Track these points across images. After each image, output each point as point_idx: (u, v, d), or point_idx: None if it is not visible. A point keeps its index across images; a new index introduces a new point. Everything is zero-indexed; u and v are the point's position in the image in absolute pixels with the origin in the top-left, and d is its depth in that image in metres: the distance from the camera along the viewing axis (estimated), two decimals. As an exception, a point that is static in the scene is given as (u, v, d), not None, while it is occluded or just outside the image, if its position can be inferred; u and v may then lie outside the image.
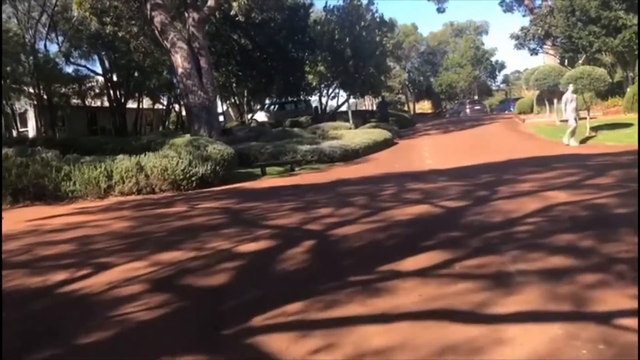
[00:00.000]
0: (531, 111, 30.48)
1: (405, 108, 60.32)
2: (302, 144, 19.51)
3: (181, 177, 13.59)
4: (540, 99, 28.59)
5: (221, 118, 45.56)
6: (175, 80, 29.36)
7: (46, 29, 34.62)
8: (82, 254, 6.82)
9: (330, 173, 15.79)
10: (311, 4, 33.09)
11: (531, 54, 33.60)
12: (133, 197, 13.20)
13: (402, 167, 15.63)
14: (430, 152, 19.37)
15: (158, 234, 7.89)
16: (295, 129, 25.35)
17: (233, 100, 38.36)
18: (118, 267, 5.92)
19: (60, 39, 36.57)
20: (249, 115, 35.16)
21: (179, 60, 21.30)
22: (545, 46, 33.02)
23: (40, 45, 35.11)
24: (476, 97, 56.38)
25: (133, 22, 24.68)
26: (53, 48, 37.45)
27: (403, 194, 10.11)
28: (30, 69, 32.98)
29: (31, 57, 32.54)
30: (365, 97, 46.13)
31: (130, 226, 8.72)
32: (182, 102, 28.26)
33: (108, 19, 24.65)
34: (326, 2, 32.58)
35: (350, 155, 19.21)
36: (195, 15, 22.12)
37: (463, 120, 38.07)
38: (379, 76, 34.31)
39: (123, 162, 13.50)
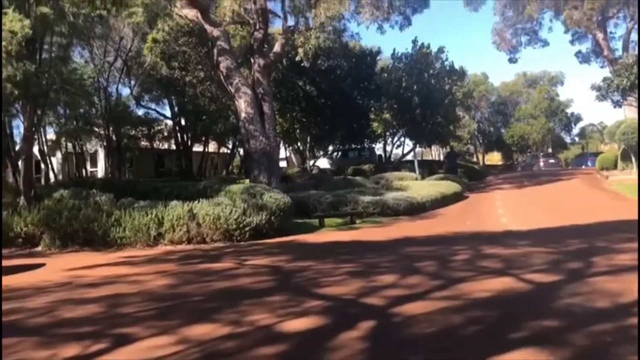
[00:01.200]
0: (615, 167, 28.13)
1: (474, 159, 58.30)
2: (364, 194, 18.45)
3: (234, 226, 12.79)
4: (626, 154, 26.33)
5: (284, 164, 45.52)
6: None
7: (120, 72, 35.78)
8: (106, 319, 5.95)
9: (394, 229, 14.55)
10: (379, 52, 32.72)
11: (614, 106, 31.40)
12: (183, 246, 12.49)
13: (474, 225, 14.21)
14: (505, 208, 17.77)
15: (196, 297, 6.94)
16: (358, 178, 24.35)
17: (296, 146, 38.04)
18: (138, 343, 4.97)
19: (133, 82, 37.68)
20: (311, 162, 34.56)
21: (243, 105, 20.99)
22: (629, 98, 30.79)
23: (113, 88, 36.28)
24: (550, 150, 53.73)
25: (200, 67, 24.86)
26: (125, 91, 38.63)
27: (479, 261, 8.76)
28: (102, 111, 34.02)
29: (103, 100, 33.58)
30: (432, 146, 44.79)
31: (168, 285, 7.84)
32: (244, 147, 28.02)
33: (176, 64, 24.93)
34: (394, 50, 32.10)
35: (416, 209, 17.93)
36: (261, 61, 21.89)
37: (537, 175, 35.88)
38: (447, 125, 33.04)
39: (175, 209, 12.88)
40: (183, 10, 22.72)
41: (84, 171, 40.00)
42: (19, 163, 30.68)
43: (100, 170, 39.73)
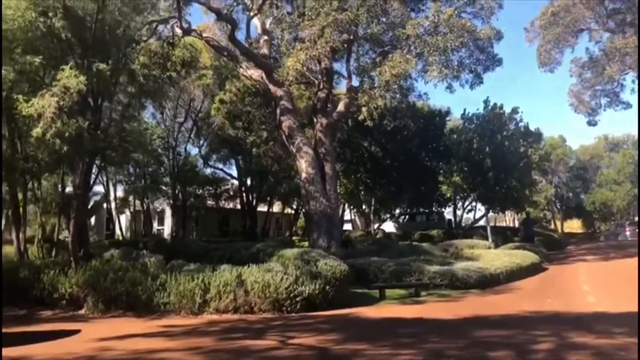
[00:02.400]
0: None
1: (552, 226, 54.81)
2: (430, 263, 16.89)
3: (284, 296, 11.65)
4: None
5: (348, 226, 44.35)
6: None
7: (189, 133, 36.51)
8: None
9: (463, 304, 12.91)
10: (448, 112, 31.57)
11: None
12: (228, 316, 11.47)
13: (555, 303, 12.35)
14: (591, 284, 15.66)
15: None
16: (425, 244, 22.74)
17: (361, 209, 36.90)
18: None
19: (201, 142, 38.35)
20: (376, 225, 33.21)
21: (303, 165, 20.31)
22: None
23: (182, 148, 37.00)
24: (637, 219, 49.62)
25: (263, 127, 24.64)
26: (194, 151, 39.33)
27: (566, 352, 7.16)
28: (170, 170, 34.57)
29: (172, 159, 34.18)
30: (506, 212, 42.37)
31: (196, 368, 6.79)
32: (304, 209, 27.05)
33: (240, 124, 24.86)
34: (464, 110, 31.08)
35: (488, 282, 16.14)
36: (324, 121, 21.33)
37: (624, 245, 32.70)
38: (522, 190, 30.94)
39: (223, 274, 11.96)
40: (248, 71, 22.79)
41: (151, 229, 40.64)
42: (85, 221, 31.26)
43: (167, 228, 40.13)
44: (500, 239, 27.85)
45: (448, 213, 38.76)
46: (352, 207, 38.16)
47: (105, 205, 36.20)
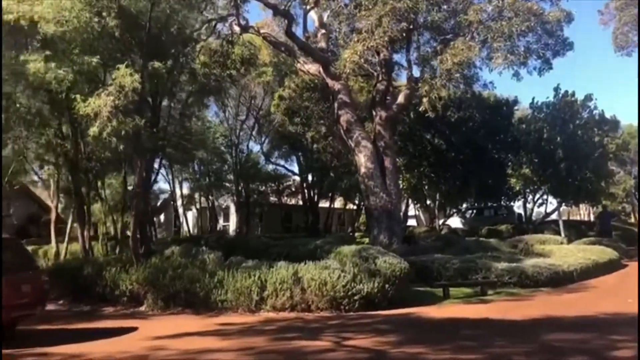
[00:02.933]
0: None
1: (632, 220, 51.43)
2: (498, 260, 16.02)
3: (342, 294, 11.30)
4: None
5: (413, 222, 43.37)
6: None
7: (250, 130, 36.82)
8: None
9: (533, 304, 12.09)
10: (515, 101, 29.96)
11: None
12: (285, 314, 11.25)
13: (636, 303, 11.30)
14: (678, 283, 14.34)
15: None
16: (492, 240, 21.68)
17: (425, 204, 35.92)
18: None
19: (263, 139, 38.62)
20: (441, 221, 32.16)
21: (362, 159, 19.84)
22: None
23: (244, 145, 37.39)
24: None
25: (322, 122, 24.31)
26: (256, 148, 39.68)
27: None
28: (233, 167, 35.00)
29: (234, 157, 34.58)
30: (580, 205, 40.16)
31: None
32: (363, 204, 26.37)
33: (298, 119, 24.65)
34: (533, 99, 29.18)
35: (560, 280, 15.12)
36: (383, 114, 20.76)
37: None
38: (597, 182, 29.08)
39: (279, 272, 11.73)
40: (306, 66, 22.53)
41: (217, 225, 41.40)
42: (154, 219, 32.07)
43: (232, 225, 40.74)
44: (574, 234, 26.27)
45: (517, 207, 37.13)
46: (416, 202, 37.17)
47: (172, 203, 37.09)
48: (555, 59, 19.44)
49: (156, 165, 17.39)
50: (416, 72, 22.29)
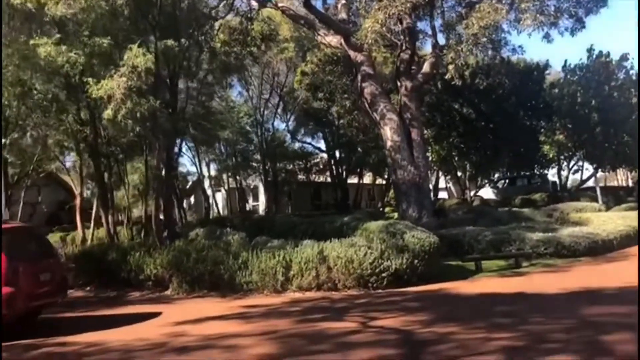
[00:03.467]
0: None
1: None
2: (532, 230, 15.41)
3: (369, 272, 10.94)
4: None
5: (444, 194, 42.61)
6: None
7: (275, 108, 36.44)
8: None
9: (571, 276, 11.52)
10: (547, 65, 28.73)
11: None
12: (311, 294, 10.97)
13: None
14: None
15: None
16: (526, 210, 20.96)
17: (456, 176, 35.13)
18: None
19: (288, 117, 38.23)
20: (472, 192, 31.38)
21: (388, 132, 19.27)
22: None
23: (270, 124, 37.09)
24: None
25: (346, 96, 23.71)
26: (282, 127, 39.38)
27: None
28: (259, 147, 34.76)
29: (260, 136, 34.31)
30: (618, 170, 38.71)
31: (265, 356, 6.26)
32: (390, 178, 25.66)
33: (321, 94, 24.10)
34: (565, 61, 27.92)
35: (600, 249, 14.47)
36: (408, 84, 20.07)
37: None
38: (635, 145, 27.86)
39: (304, 251, 11.42)
40: (327, 38, 21.87)
41: (246, 205, 41.44)
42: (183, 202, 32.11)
43: (261, 204, 40.69)
44: (612, 200, 25.32)
45: (552, 175, 36.05)
46: (446, 174, 36.40)
47: (200, 184, 37.12)
48: (588, 17, 18.34)
49: (179, 148, 17.09)
50: (441, 40, 21.53)
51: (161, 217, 14.93)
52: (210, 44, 23.37)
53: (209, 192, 40.26)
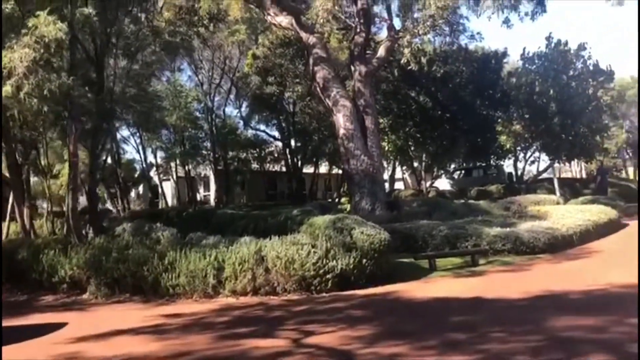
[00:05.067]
0: None
1: (623, 175, 50.29)
2: (489, 224, 14.56)
3: (312, 273, 9.74)
4: None
5: (400, 185, 41.90)
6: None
7: (227, 93, 34.80)
8: None
9: (532, 275, 10.63)
10: (505, 54, 28.05)
11: None
12: (246, 299, 9.71)
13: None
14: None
15: None
16: (482, 202, 20.23)
17: (412, 166, 34.35)
18: None
19: (240, 103, 36.66)
20: (428, 183, 30.58)
21: (341, 119, 18.15)
22: None
23: (221, 111, 35.44)
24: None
25: (298, 80, 22.38)
26: (235, 113, 37.79)
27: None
28: (209, 134, 33.09)
29: (210, 122, 32.65)
30: (572, 162, 38.74)
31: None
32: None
33: (271, 79, 22.69)
34: (524, 49, 27.37)
35: (559, 244, 13.71)
36: (362, 69, 18.95)
37: None
38: (592, 136, 27.68)
39: (239, 250, 10.13)
40: (277, 18, 20.47)
41: (198, 195, 39.66)
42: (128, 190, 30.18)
43: (213, 195, 39.03)
44: (569, 193, 24.93)
45: (508, 166, 35.74)
46: (402, 164, 35.57)
47: (144, 173, 35.19)
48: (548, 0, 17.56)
49: (111, 132, 15.37)
50: (398, 25, 20.51)
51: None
52: (151, 21, 21.66)
53: (159, 181, 38.44)
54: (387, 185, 37.57)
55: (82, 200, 19.38)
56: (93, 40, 12.92)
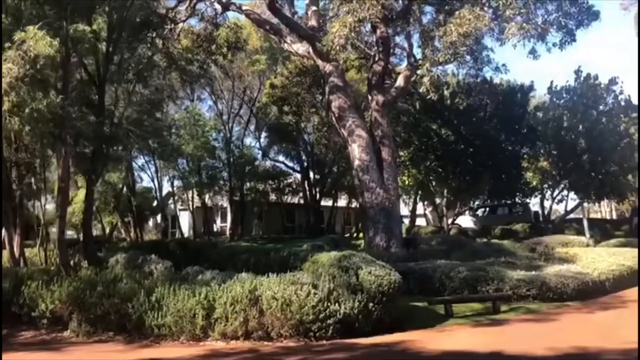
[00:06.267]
0: None
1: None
2: (513, 267, 13.39)
3: (311, 317, 8.71)
4: None
5: (422, 221, 40.53)
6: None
7: (246, 123, 34.42)
8: None
9: (560, 327, 9.44)
10: (531, 87, 26.97)
11: None
12: (236, 344, 8.72)
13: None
14: None
15: None
16: (505, 242, 18.98)
17: (434, 202, 33.14)
18: None
19: (259, 134, 36.20)
20: (450, 220, 29.26)
21: (357, 150, 17.33)
22: None
23: (239, 141, 35.02)
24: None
25: (314, 109, 21.69)
26: (252, 143, 37.33)
27: None
28: (226, 164, 32.59)
29: (227, 153, 32.19)
30: (602, 202, 37.12)
31: None
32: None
33: (287, 108, 22.05)
34: (551, 83, 26.37)
35: (590, 291, 12.45)
36: (380, 98, 18.17)
37: None
38: (624, 175, 26.26)
39: (232, 288, 9.19)
40: (293, 46, 20.00)
41: (213, 226, 38.94)
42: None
43: (229, 225, 38.29)
44: (599, 234, 23.45)
45: (534, 205, 34.30)
46: (423, 200, 34.37)
47: (156, 202, 34.65)
48: (579, 29, 16.59)
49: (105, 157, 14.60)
50: (418, 55, 19.78)
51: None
52: (167, 47, 21.35)
53: (176, 211, 37.96)
54: (407, 221, 36.40)
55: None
56: (96, 60, 12.40)
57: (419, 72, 17.49)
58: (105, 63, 12.57)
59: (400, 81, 18.73)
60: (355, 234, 33.57)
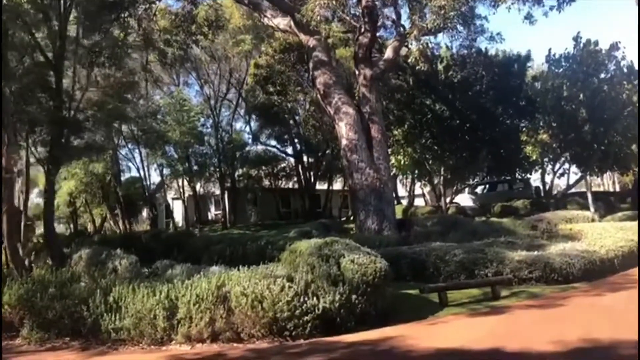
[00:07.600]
0: None
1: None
2: (513, 247, 12.39)
3: (286, 314, 7.72)
4: None
5: (420, 201, 39.51)
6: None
7: (234, 107, 33.29)
8: None
9: (567, 314, 8.43)
10: (529, 57, 25.71)
11: None
12: (203, 347, 7.75)
13: None
14: None
15: None
16: (506, 220, 17.97)
17: (431, 181, 32.04)
18: None
19: (249, 117, 35.08)
20: (448, 199, 28.18)
21: (344, 129, 16.26)
22: None
23: (236, 127, 33.99)
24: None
25: (299, 88, 20.57)
26: (241, 128, 36.25)
27: None
28: (215, 150, 31.54)
29: (215, 138, 31.11)
30: (605, 174, 36.04)
31: None
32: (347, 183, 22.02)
33: (272, 88, 20.91)
34: (549, 51, 25.13)
35: (598, 270, 11.49)
36: (367, 72, 17.06)
37: None
38: (627, 145, 25.16)
39: (197, 285, 8.19)
40: (274, 20, 18.84)
41: (206, 215, 37.98)
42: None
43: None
44: (603, 208, 22.45)
45: (535, 180, 33.24)
46: (420, 179, 33.26)
47: (143, 190, 33.61)
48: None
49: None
50: (408, 25, 18.60)
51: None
52: (144, 28, 20.31)
53: (169, 200, 37.08)
54: (405, 201, 35.38)
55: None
56: (51, 39, 11.29)
57: (408, 41, 16.33)
58: (60, 42, 11.44)
59: (388, 53, 17.63)
60: (352, 217, 32.60)
